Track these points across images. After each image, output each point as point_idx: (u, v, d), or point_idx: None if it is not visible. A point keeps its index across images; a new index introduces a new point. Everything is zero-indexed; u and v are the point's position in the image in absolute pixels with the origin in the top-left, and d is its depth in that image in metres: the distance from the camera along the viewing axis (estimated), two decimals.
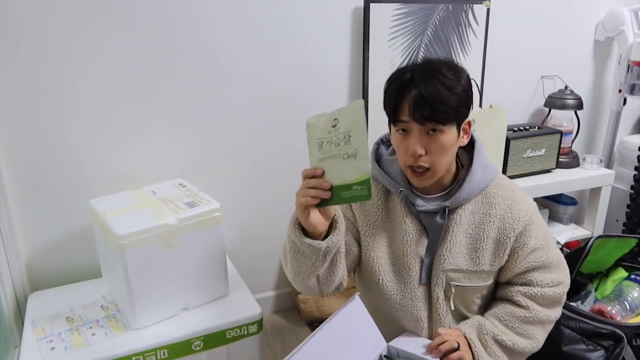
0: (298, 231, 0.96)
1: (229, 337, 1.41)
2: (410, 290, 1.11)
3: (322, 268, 1.01)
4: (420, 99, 0.96)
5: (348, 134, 0.87)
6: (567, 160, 2.23)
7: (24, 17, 1.46)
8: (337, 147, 0.88)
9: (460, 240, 1.09)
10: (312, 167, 0.92)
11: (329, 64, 1.88)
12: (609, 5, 2.28)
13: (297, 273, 1.03)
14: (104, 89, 1.60)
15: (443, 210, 1.08)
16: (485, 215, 1.09)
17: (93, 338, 1.33)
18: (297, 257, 1.00)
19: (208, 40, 1.69)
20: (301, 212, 0.92)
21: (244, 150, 1.85)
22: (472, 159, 1.11)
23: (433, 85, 0.96)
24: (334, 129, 0.89)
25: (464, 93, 1.00)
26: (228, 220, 1.82)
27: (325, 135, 0.90)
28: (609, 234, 1.65)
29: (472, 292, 1.12)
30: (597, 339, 1.39)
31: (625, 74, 2.24)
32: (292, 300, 2.12)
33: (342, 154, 0.88)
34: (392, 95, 1.01)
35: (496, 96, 2.14)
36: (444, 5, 1.95)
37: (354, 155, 0.87)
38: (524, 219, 1.09)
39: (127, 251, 1.28)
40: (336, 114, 0.89)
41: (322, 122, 0.91)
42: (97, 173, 1.65)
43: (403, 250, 1.11)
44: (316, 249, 0.95)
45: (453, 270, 1.09)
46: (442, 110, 0.97)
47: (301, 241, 0.95)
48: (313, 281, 1.04)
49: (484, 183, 1.10)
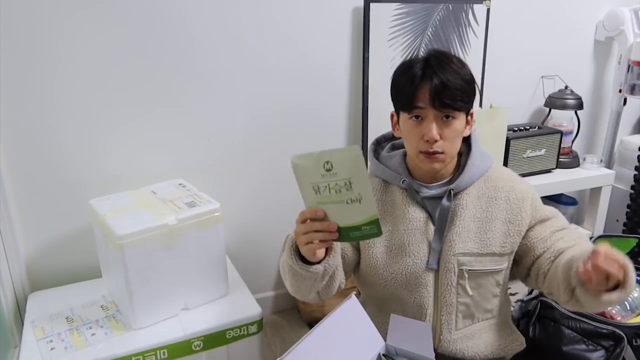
0: (295, 258, 0.98)
1: (229, 337, 1.41)
2: (416, 277, 1.11)
3: (321, 285, 1.04)
4: (441, 87, 1.01)
5: (349, 181, 0.85)
6: (567, 160, 2.23)
7: (24, 17, 1.46)
8: (339, 194, 0.87)
9: (469, 225, 1.11)
10: (312, 208, 0.92)
11: (328, 64, 1.88)
12: (609, 5, 2.28)
13: (297, 291, 1.07)
14: (104, 89, 1.60)
15: (448, 193, 1.10)
16: (491, 199, 1.12)
17: (93, 338, 1.33)
18: (296, 279, 1.03)
19: (208, 40, 1.69)
20: (308, 253, 0.94)
21: (244, 150, 1.85)
22: (469, 147, 1.16)
23: (450, 74, 1.02)
24: (328, 173, 0.87)
25: (472, 83, 1.06)
26: (228, 220, 1.82)
27: (319, 179, 0.88)
28: (609, 234, 1.65)
29: (486, 278, 1.12)
30: (598, 339, 1.39)
31: (625, 73, 2.24)
32: (292, 300, 2.12)
33: (345, 199, 0.87)
34: (407, 83, 1.04)
35: (496, 96, 2.14)
36: (444, 5, 1.95)
37: (358, 200, 0.86)
38: (528, 196, 1.13)
39: (127, 251, 1.28)
40: (326, 157, 0.86)
41: (310, 164, 0.88)
42: (97, 173, 1.65)
43: (408, 239, 1.12)
44: (314, 273, 0.98)
45: (464, 254, 1.10)
46: (459, 98, 1.02)
47: (299, 267, 0.98)
48: (313, 294, 1.08)
49: (483, 168, 1.14)
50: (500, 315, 1.19)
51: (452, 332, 1.13)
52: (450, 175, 1.15)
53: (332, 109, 1.94)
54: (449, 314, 1.12)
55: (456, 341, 1.13)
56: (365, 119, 1.95)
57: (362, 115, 1.96)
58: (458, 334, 1.13)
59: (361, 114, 1.96)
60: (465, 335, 1.14)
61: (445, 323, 1.12)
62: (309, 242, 0.92)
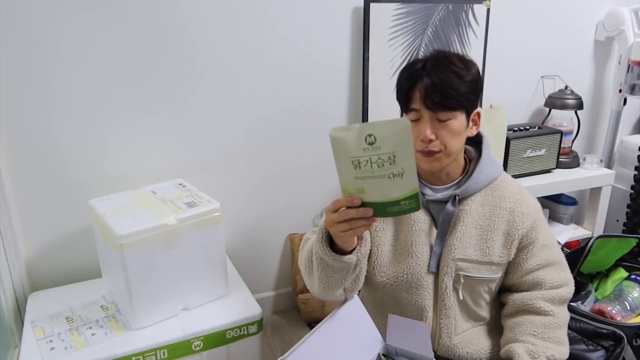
0: (328, 249, 0.95)
1: (229, 337, 1.41)
2: (417, 279, 1.11)
3: (351, 277, 1.02)
4: (431, 86, 1.00)
5: (393, 155, 0.83)
6: (567, 160, 2.23)
7: (24, 17, 1.46)
8: (381, 168, 0.84)
9: (470, 231, 1.10)
10: (347, 195, 0.88)
11: (329, 64, 1.88)
12: (609, 5, 2.28)
13: (327, 287, 1.03)
14: (104, 90, 1.60)
15: (453, 198, 1.10)
16: (495, 208, 1.11)
17: (93, 338, 1.33)
18: (327, 273, 1.00)
19: (208, 40, 1.69)
20: (343, 242, 0.93)
21: (244, 150, 1.85)
22: (479, 152, 1.15)
23: (444, 73, 1.00)
24: (371, 147, 0.83)
25: (473, 82, 1.03)
26: (228, 220, 1.83)
27: (360, 153, 0.84)
28: (609, 234, 1.65)
29: (480, 285, 1.12)
30: (598, 339, 1.39)
31: (625, 73, 2.24)
32: (292, 300, 2.12)
33: (387, 174, 0.84)
34: (404, 83, 1.04)
35: (496, 96, 2.14)
36: (444, 5, 1.95)
37: (401, 174, 0.84)
38: (533, 214, 1.12)
39: (127, 251, 1.28)
40: (369, 129, 0.83)
41: (351, 138, 0.84)
42: (97, 173, 1.65)
43: (411, 240, 1.12)
44: (347, 264, 0.96)
45: (463, 259, 1.10)
46: (451, 97, 1.00)
47: (332, 259, 0.95)
48: (340, 291, 1.06)
49: (492, 176, 1.13)
50: (494, 321, 1.20)
51: (451, 337, 1.13)
52: (457, 178, 1.14)
53: (332, 109, 1.94)
54: (448, 317, 1.12)
55: (455, 345, 1.14)
56: (365, 119, 1.95)
57: (362, 115, 1.96)
58: (457, 338, 1.14)
59: (361, 114, 1.96)
60: (464, 340, 1.14)
61: (445, 327, 1.12)
62: (347, 230, 0.89)
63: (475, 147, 1.17)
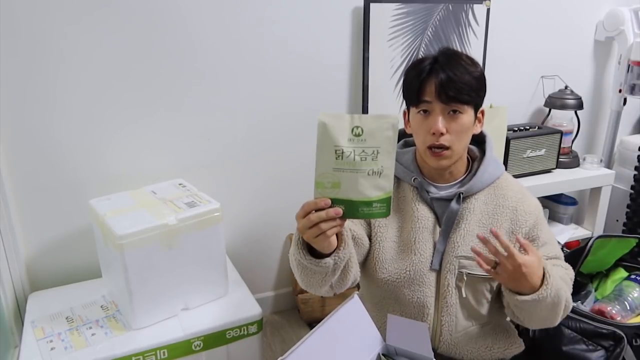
0: (304, 252, 0.94)
1: (229, 337, 1.41)
2: (419, 276, 1.12)
3: (334, 278, 1.01)
4: (447, 80, 1.03)
5: (377, 150, 0.83)
6: (567, 160, 2.23)
7: (26, 18, 1.46)
8: (363, 162, 0.83)
9: (473, 229, 1.11)
10: (320, 188, 0.86)
11: (329, 64, 1.88)
12: (609, 5, 2.28)
13: (309, 286, 1.04)
14: (104, 90, 1.60)
15: (458, 196, 1.11)
16: (497, 206, 1.13)
17: (93, 338, 1.33)
18: (306, 274, 1.00)
19: (208, 41, 1.69)
20: (320, 246, 0.91)
21: (244, 150, 1.85)
22: (482, 152, 1.17)
23: (457, 68, 1.04)
24: (357, 138, 0.83)
25: (481, 79, 1.08)
26: (228, 220, 1.82)
27: (345, 144, 0.83)
28: (609, 234, 1.65)
29: (482, 283, 1.12)
30: (597, 339, 1.39)
31: (625, 73, 2.24)
32: (292, 300, 2.12)
33: (368, 169, 0.84)
34: (415, 78, 1.06)
35: (496, 96, 2.13)
36: (444, 5, 1.95)
37: (379, 173, 0.84)
38: (535, 213, 1.14)
39: (127, 251, 1.28)
40: (358, 121, 0.83)
41: (340, 126, 0.84)
42: (97, 173, 1.65)
43: (414, 237, 1.12)
44: (325, 267, 0.95)
45: (466, 257, 1.10)
46: (465, 92, 1.04)
47: (309, 262, 0.94)
48: (326, 288, 1.05)
49: (495, 175, 1.15)
50: (495, 320, 1.20)
51: (452, 334, 1.13)
52: (461, 176, 1.15)
53: (332, 109, 1.94)
54: (449, 315, 1.12)
55: (456, 343, 1.14)
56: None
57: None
58: (458, 336, 1.14)
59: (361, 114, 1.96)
60: (464, 338, 1.14)
61: (446, 324, 1.12)
62: (318, 235, 0.88)
63: (478, 147, 1.19)
